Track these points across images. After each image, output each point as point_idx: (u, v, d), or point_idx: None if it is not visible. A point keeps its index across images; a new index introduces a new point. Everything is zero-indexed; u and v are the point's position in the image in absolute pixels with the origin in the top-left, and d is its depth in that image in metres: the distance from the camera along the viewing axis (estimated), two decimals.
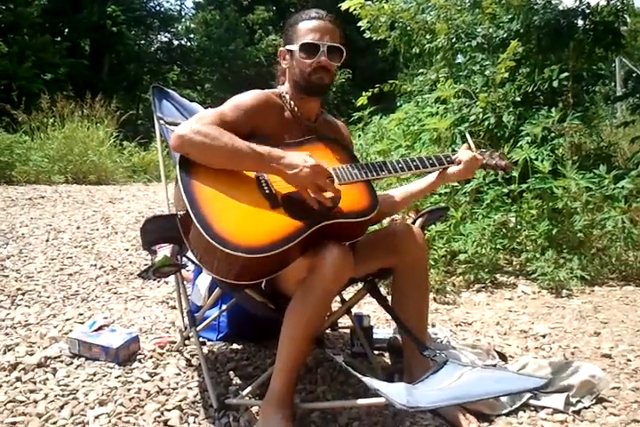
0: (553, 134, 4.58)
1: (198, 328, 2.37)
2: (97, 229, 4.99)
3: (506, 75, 4.96)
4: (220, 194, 1.80)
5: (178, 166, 1.85)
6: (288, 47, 2.09)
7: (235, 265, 1.76)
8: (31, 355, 2.41)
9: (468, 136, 2.37)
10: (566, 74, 5.03)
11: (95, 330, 2.52)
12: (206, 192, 1.79)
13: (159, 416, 1.98)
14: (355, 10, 5.92)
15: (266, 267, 1.80)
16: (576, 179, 4.02)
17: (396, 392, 1.63)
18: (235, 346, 2.64)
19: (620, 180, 4.12)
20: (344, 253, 1.78)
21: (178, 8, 37.73)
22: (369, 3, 6.09)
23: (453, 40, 5.69)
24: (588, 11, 5.83)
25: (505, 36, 5.49)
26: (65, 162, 8.25)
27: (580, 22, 5.83)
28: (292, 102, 2.13)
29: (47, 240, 4.53)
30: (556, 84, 4.97)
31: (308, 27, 2.05)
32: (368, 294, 2.25)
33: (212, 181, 1.82)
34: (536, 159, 4.21)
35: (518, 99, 5.03)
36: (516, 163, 4.14)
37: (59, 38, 19.76)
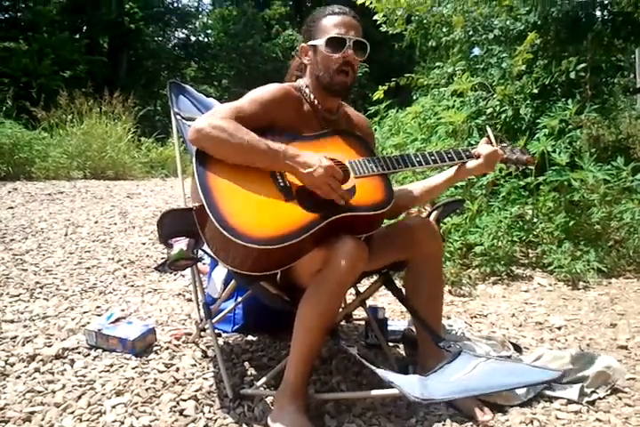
0: (570, 127, 4.54)
1: (214, 320, 2.39)
2: (115, 224, 5.03)
3: (523, 67, 4.94)
4: (236, 186, 1.81)
5: (194, 158, 1.87)
6: (311, 42, 2.06)
7: (248, 256, 1.78)
8: (49, 346, 2.44)
9: (489, 130, 2.31)
10: (584, 65, 4.96)
11: (112, 322, 2.55)
12: (221, 184, 1.81)
13: (175, 406, 2.00)
14: (370, 3, 5.91)
15: (279, 258, 1.81)
16: (593, 171, 3.99)
17: (410, 385, 1.64)
18: (250, 338, 2.66)
19: (639, 172, 4.08)
20: (358, 246, 1.80)
21: (195, 4, 37.85)
22: None
23: (470, 33, 5.65)
24: (606, 1, 5.77)
25: (522, 28, 5.44)
26: (83, 158, 8.31)
27: (599, 13, 5.78)
28: (311, 96, 2.12)
29: (66, 235, 4.57)
30: (573, 75, 4.92)
31: (333, 21, 2.03)
32: (383, 287, 2.26)
33: (227, 174, 1.83)
34: (553, 152, 4.18)
35: (535, 91, 5.00)
36: (534, 155, 4.11)
37: (77, 36, 19.84)
